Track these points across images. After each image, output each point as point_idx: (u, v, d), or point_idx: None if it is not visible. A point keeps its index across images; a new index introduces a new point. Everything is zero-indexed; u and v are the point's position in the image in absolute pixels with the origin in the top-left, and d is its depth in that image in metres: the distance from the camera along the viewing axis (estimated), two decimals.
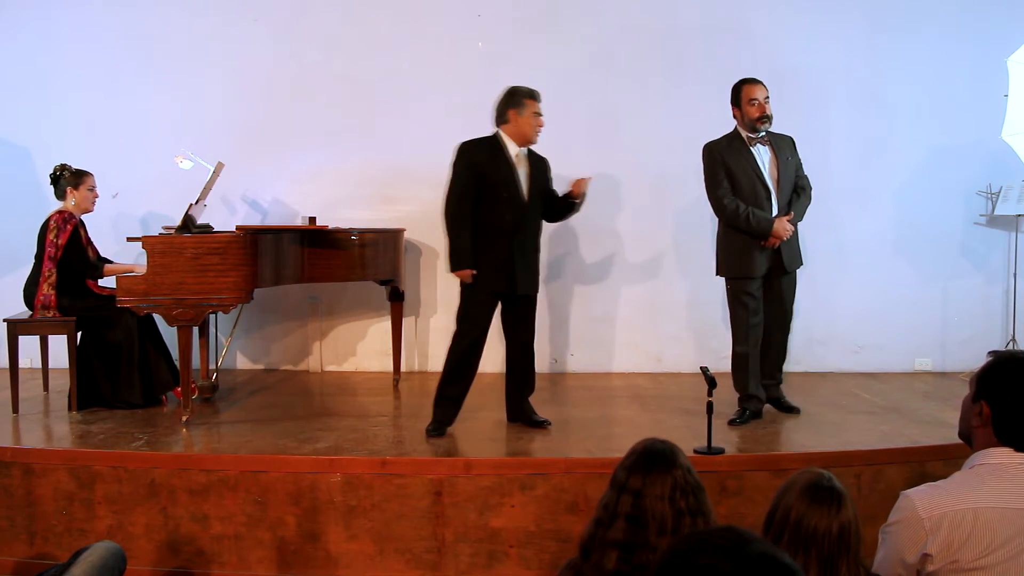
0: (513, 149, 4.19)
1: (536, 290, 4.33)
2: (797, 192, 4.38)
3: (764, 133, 4.29)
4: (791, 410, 4.53)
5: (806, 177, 4.46)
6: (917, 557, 1.89)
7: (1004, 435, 1.95)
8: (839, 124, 5.53)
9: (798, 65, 5.35)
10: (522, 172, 4.20)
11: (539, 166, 4.30)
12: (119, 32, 5.71)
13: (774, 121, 4.34)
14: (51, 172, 4.77)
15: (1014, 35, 5.33)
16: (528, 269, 4.23)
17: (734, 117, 4.37)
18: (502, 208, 4.13)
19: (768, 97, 4.30)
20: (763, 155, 4.32)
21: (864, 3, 5.62)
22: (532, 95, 4.21)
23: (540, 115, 4.21)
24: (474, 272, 4.11)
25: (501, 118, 4.22)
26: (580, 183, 4.21)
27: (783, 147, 4.37)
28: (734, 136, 4.36)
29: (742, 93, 4.31)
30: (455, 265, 4.13)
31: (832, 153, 5.41)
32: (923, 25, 5.60)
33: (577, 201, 4.26)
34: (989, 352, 2.05)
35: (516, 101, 4.19)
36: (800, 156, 4.46)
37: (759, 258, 4.30)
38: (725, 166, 4.31)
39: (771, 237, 4.25)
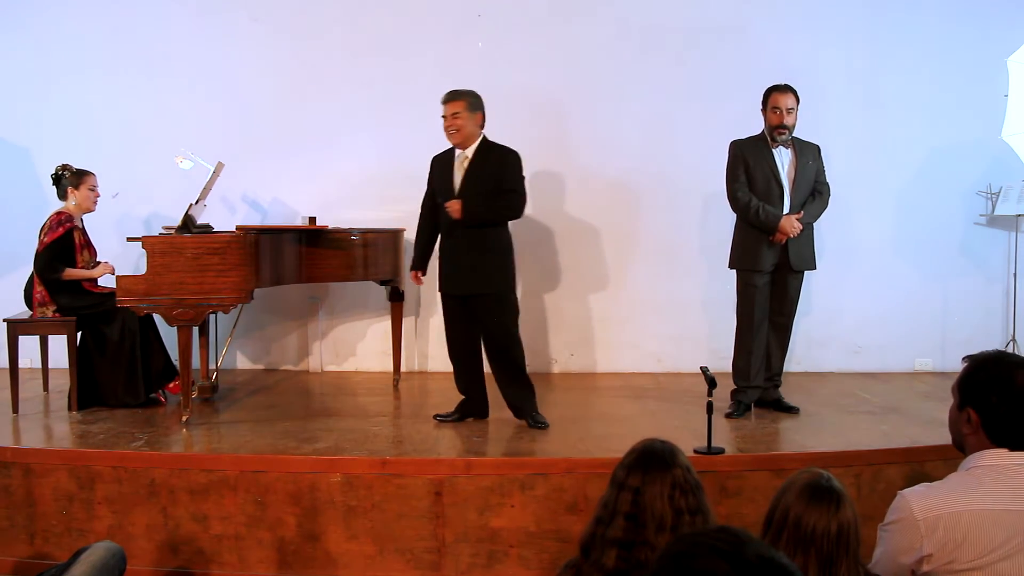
0: (459, 153, 4.31)
1: (485, 290, 4.24)
2: (813, 195, 4.49)
3: (785, 137, 4.43)
4: (790, 410, 4.56)
5: (826, 184, 4.55)
6: (913, 559, 1.90)
7: (996, 437, 1.95)
8: (839, 124, 5.52)
9: (798, 65, 5.34)
10: (460, 173, 4.27)
11: (484, 165, 4.24)
12: (119, 32, 5.71)
13: (802, 130, 4.53)
14: (52, 172, 4.77)
15: (1014, 35, 5.33)
16: (462, 269, 4.26)
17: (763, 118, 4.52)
18: (440, 211, 4.30)
19: (792, 108, 4.40)
20: (783, 156, 4.48)
21: (864, 3, 5.62)
22: (441, 101, 4.29)
23: (444, 117, 4.27)
24: (418, 273, 4.51)
25: None
26: (450, 210, 4.20)
27: (806, 152, 4.50)
28: (760, 136, 4.51)
29: (768, 99, 4.46)
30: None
31: (832, 153, 5.38)
32: (923, 25, 5.60)
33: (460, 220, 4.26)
34: (964, 357, 2.06)
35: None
36: (823, 163, 4.57)
37: (766, 253, 4.45)
38: (745, 162, 4.50)
39: (778, 233, 4.39)
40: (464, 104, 4.23)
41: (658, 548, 1.79)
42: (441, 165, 4.39)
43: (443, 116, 4.27)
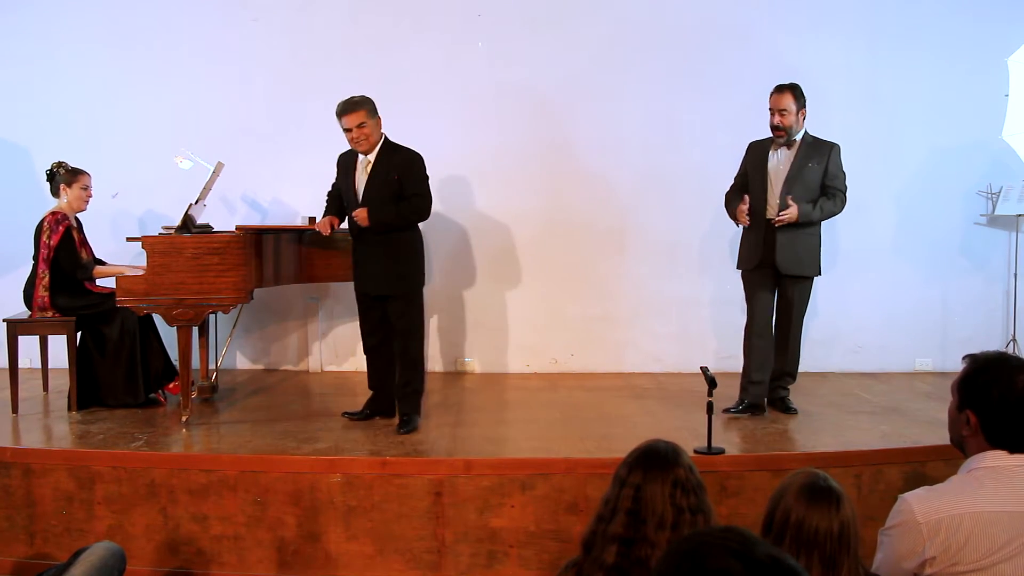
0: (361, 157, 4.34)
1: (395, 291, 4.32)
2: (822, 197, 4.43)
3: (783, 140, 4.42)
4: (788, 410, 4.57)
5: (839, 189, 4.45)
6: (916, 562, 1.90)
7: (995, 439, 1.95)
8: (839, 125, 5.48)
9: (798, 65, 5.34)
10: (363, 178, 4.32)
11: (388, 168, 4.27)
12: (119, 32, 5.70)
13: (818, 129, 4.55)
14: (47, 168, 4.77)
15: (1014, 35, 5.32)
16: (374, 272, 4.33)
17: None
18: (348, 214, 4.38)
19: (786, 110, 4.36)
20: (779, 157, 4.47)
21: (864, 3, 5.61)
22: (338, 113, 4.27)
23: (348, 130, 4.26)
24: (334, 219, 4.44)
25: None
26: (358, 218, 4.29)
27: (810, 154, 4.43)
28: (771, 138, 4.51)
29: (769, 100, 4.46)
30: None
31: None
32: (923, 25, 5.59)
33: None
34: (964, 356, 2.05)
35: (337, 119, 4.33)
36: (840, 163, 4.49)
37: (750, 252, 4.53)
38: (746, 162, 4.59)
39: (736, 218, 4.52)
40: (366, 112, 4.24)
41: (658, 545, 1.79)
42: (345, 166, 4.43)
43: (346, 129, 4.25)
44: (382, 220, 4.25)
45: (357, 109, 4.22)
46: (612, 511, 1.86)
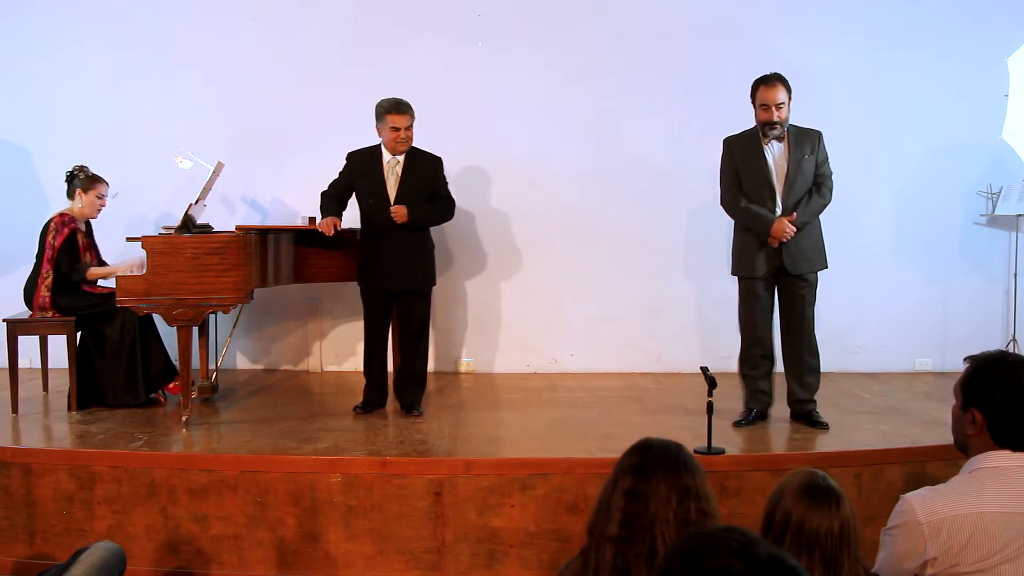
0: (387, 157, 4.47)
1: (419, 286, 4.59)
2: (810, 192, 4.24)
3: (777, 133, 4.20)
4: (817, 424, 4.25)
5: (827, 176, 4.29)
6: (917, 562, 1.90)
7: (1001, 437, 1.95)
8: (839, 125, 5.48)
9: (798, 65, 5.33)
10: (393, 178, 4.45)
11: (419, 169, 4.48)
12: (119, 32, 5.70)
13: (800, 118, 4.34)
14: (68, 171, 4.80)
15: (1014, 35, 5.32)
16: (403, 267, 4.47)
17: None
18: (371, 212, 4.47)
19: (783, 103, 4.17)
20: (774, 153, 4.24)
21: (864, 3, 5.61)
22: (390, 109, 4.41)
23: (396, 129, 4.39)
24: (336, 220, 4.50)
25: (377, 130, 4.51)
26: (397, 215, 4.43)
27: (802, 144, 4.23)
28: (753, 131, 4.29)
29: (756, 94, 4.23)
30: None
31: (832, 154, 5.38)
32: (923, 25, 5.59)
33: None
34: (966, 358, 2.05)
35: (377, 115, 4.47)
36: (827, 151, 4.32)
37: (759, 258, 4.27)
38: (735, 162, 4.31)
39: (770, 237, 4.20)
40: (413, 116, 4.44)
41: (658, 544, 1.78)
42: (367, 166, 4.50)
43: (394, 128, 4.39)
44: (422, 217, 4.49)
45: (410, 111, 4.44)
46: (609, 509, 1.86)
